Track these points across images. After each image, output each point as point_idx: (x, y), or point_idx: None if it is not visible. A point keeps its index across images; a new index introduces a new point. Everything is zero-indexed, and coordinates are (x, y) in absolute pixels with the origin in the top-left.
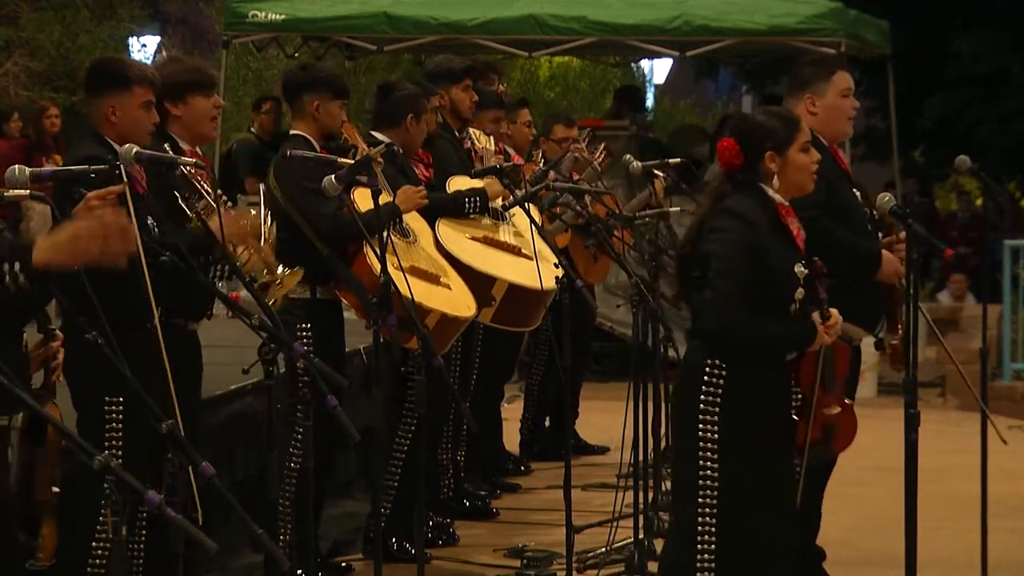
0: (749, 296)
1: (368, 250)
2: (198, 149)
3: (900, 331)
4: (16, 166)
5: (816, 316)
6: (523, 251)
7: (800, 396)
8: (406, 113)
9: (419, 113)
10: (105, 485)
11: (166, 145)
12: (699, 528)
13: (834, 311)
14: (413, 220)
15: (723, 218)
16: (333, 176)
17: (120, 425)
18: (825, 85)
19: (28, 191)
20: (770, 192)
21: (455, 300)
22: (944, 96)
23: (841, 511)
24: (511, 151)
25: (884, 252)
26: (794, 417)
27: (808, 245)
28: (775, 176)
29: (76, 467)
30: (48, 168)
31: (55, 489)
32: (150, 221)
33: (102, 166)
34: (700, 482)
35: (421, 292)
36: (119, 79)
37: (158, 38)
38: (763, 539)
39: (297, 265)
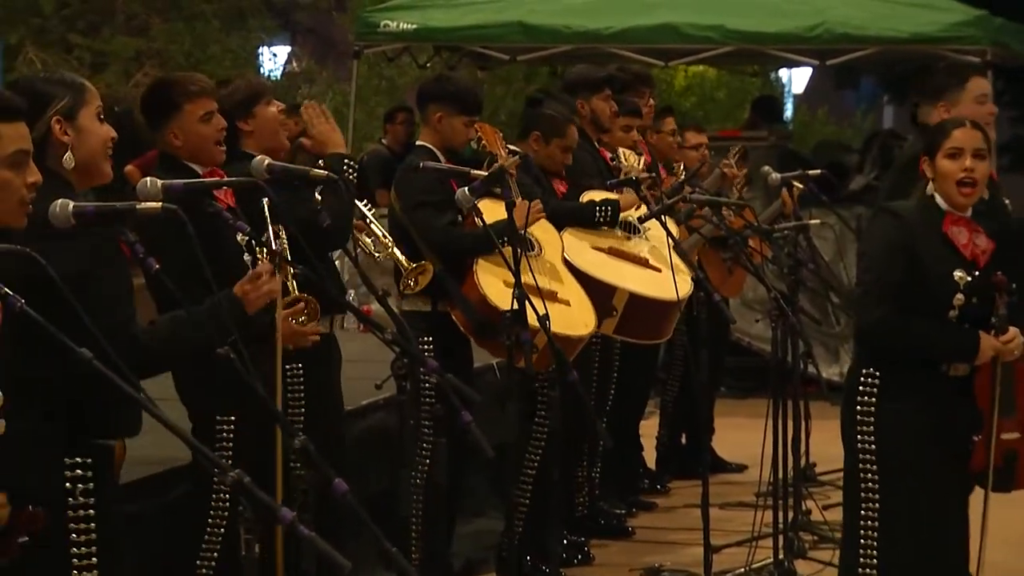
0: (897, 294)
1: (478, 268)
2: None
3: None
4: (148, 179)
5: (990, 332)
6: (651, 263)
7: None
8: (531, 130)
9: (548, 134)
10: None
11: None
12: (861, 542)
13: (1014, 329)
14: (541, 231)
15: (876, 216)
16: (467, 188)
17: (230, 444)
18: (959, 92)
19: (160, 204)
20: (939, 200)
21: (571, 318)
22: None
23: (988, 531)
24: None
25: None
26: (974, 439)
27: None
28: (931, 182)
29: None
30: (179, 181)
31: None
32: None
33: (234, 179)
34: (862, 495)
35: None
36: (168, 104)
37: (288, 48)
38: (929, 559)
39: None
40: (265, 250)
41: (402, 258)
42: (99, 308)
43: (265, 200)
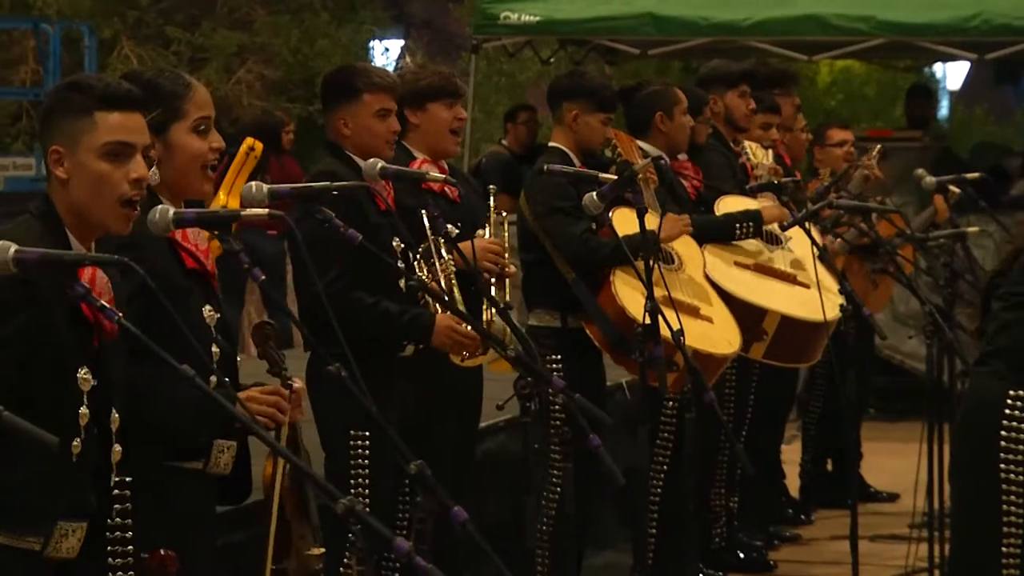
0: None
1: (616, 279)
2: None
3: None
4: (253, 183)
5: None
6: (799, 279)
7: None
8: (653, 112)
9: (668, 107)
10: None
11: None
12: None
13: None
14: (682, 244)
15: None
16: (595, 193)
17: (366, 461)
18: None
19: (267, 210)
20: None
21: (714, 335)
22: None
23: None
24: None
25: None
26: None
27: None
28: None
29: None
30: (287, 185)
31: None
32: (396, 242)
33: (345, 183)
34: (1004, 529)
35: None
36: (347, 89)
37: (402, 42)
38: None
39: (542, 294)
40: (423, 261)
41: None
42: None
43: (424, 210)
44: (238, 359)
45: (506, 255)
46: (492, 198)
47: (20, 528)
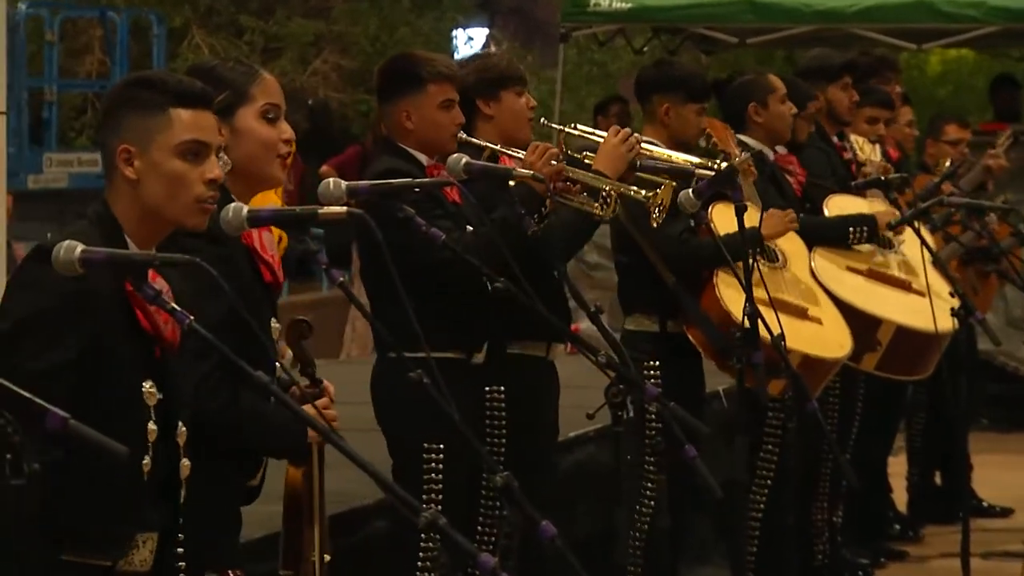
0: None
1: (719, 281)
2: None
3: None
4: (331, 179)
5: None
6: (913, 287)
7: None
8: (746, 103)
9: (762, 97)
10: (429, 545)
11: None
12: None
13: None
14: (787, 241)
15: None
16: (691, 190)
17: (440, 476)
18: None
19: (345, 208)
20: None
21: (825, 337)
22: None
23: None
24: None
25: None
26: None
27: None
28: None
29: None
30: (366, 182)
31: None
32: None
33: (426, 180)
34: None
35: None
36: (410, 79)
37: (487, 30)
38: None
39: (640, 298)
40: None
41: (633, 188)
42: None
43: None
44: None
45: None
46: None
47: (90, 550)
